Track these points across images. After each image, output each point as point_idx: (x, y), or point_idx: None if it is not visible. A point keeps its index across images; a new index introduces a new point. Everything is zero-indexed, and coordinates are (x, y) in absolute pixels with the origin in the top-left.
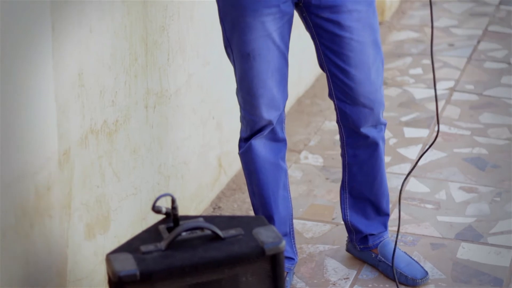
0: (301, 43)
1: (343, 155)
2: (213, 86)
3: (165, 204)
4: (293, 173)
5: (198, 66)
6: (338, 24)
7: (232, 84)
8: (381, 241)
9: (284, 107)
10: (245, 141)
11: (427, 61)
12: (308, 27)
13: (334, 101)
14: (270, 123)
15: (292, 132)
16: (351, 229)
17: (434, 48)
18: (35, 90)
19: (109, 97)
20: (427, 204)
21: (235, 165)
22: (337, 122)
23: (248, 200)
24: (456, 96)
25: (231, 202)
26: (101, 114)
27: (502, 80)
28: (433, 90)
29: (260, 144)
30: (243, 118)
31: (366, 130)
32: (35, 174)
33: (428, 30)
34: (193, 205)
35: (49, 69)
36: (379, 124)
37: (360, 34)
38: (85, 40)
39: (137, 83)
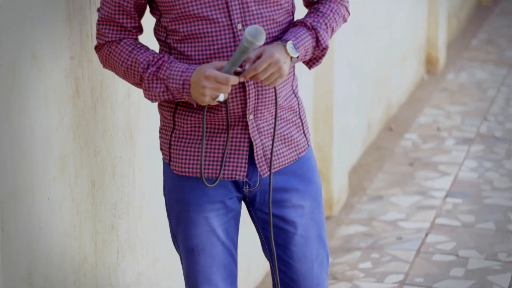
0: (250, 238)
1: None
2: (162, 284)
3: None
4: None
5: (147, 264)
6: (283, 218)
7: (182, 281)
8: None
9: None
10: None
11: (376, 255)
12: (253, 220)
13: None
14: None
15: None
16: None
17: (382, 242)
18: None
19: None
20: None
21: None
22: None
23: None
24: None
25: None
26: None
27: (451, 272)
28: (384, 284)
29: None
30: None
31: None
32: None
33: (376, 224)
34: None
35: None
36: None
37: (304, 229)
38: (34, 238)
39: (86, 282)
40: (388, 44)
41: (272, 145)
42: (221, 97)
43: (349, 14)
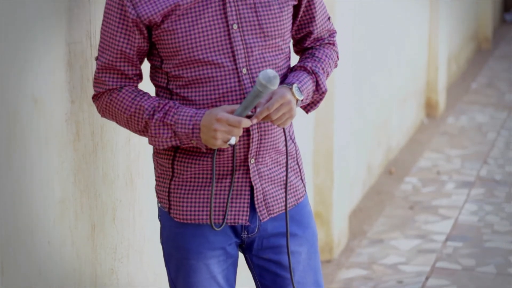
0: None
1: None
2: None
3: None
4: None
5: None
6: (280, 264)
7: None
8: None
9: None
10: None
11: None
12: (250, 269)
13: None
14: None
15: None
16: None
17: (382, 286)
18: None
19: None
20: None
21: None
22: None
23: None
24: None
25: None
26: None
27: None
28: None
29: None
30: None
31: None
32: None
33: (377, 267)
34: None
35: None
36: None
37: (301, 276)
38: (34, 282)
39: None
40: (388, 88)
41: (286, 180)
42: (233, 140)
43: (338, 59)
